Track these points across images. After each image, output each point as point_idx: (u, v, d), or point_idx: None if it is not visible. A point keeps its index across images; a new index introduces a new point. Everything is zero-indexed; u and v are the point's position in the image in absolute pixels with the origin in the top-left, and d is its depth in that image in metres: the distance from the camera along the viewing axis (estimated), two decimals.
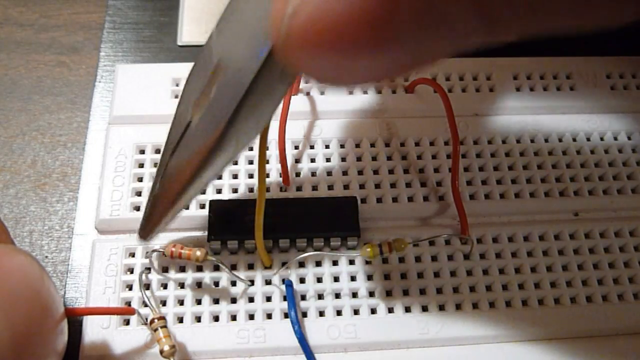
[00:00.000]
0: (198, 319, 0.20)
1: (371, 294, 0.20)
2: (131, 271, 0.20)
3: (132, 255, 0.21)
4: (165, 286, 0.20)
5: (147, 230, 0.18)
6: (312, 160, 0.23)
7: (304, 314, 0.20)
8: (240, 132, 0.15)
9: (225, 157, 0.16)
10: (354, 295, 0.20)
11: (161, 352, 0.18)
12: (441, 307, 0.20)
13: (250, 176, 0.22)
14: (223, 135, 0.15)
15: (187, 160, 0.16)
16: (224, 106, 0.15)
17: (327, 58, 0.11)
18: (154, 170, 0.22)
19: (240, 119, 0.15)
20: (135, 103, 0.23)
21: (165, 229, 0.18)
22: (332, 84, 0.18)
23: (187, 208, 0.21)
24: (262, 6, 0.13)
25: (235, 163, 0.22)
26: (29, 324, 0.15)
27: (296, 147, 0.23)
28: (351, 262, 0.21)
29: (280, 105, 0.22)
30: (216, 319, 0.20)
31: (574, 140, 0.24)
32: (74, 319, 0.19)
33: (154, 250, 0.20)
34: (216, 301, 0.20)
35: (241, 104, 0.14)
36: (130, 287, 0.20)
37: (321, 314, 0.20)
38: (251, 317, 0.20)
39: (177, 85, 0.24)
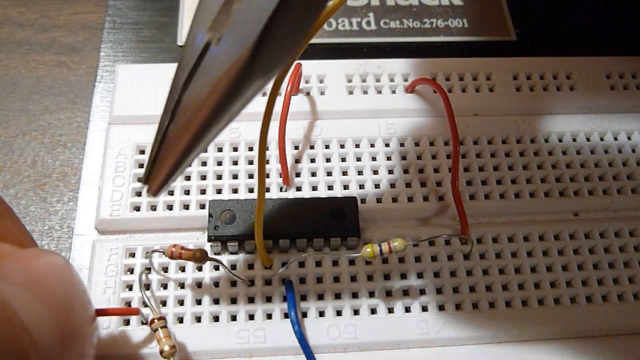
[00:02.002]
0: (198, 319, 0.20)
1: (371, 294, 0.20)
2: (131, 271, 0.20)
3: (132, 255, 0.21)
4: (165, 286, 0.20)
5: (156, 180, 0.14)
6: (312, 160, 0.23)
7: (304, 314, 0.20)
8: (274, 50, 0.12)
9: (257, 83, 0.13)
10: (354, 295, 0.20)
11: (161, 352, 0.18)
12: (441, 307, 0.20)
13: (250, 176, 0.22)
14: (253, 55, 0.12)
15: (210, 90, 0.13)
16: (252, 21, 0.12)
17: None
18: None
19: (274, 34, 0.12)
20: (135, 103, 0.23)
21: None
22: None
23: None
24: None
25: (235, 163, 0.22)
26: (70, 320, 0.15)
27: (296, 147, 0.23)
28: (351, 262, 0.21)
29: (280, 105, 0.22)
30: (216, 319, 0.20)
31: (574, 140, 0.24)
32: None
33: (154, 251, 0.20)
34: (216, 301, 0.20)
35: (274, 16, 0.12)
36: (130, 287, 0.20)
37: (321, 314, 0.20)
38: (251, 317, 0.20)
39: None
